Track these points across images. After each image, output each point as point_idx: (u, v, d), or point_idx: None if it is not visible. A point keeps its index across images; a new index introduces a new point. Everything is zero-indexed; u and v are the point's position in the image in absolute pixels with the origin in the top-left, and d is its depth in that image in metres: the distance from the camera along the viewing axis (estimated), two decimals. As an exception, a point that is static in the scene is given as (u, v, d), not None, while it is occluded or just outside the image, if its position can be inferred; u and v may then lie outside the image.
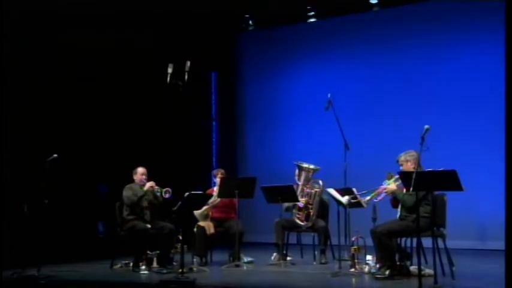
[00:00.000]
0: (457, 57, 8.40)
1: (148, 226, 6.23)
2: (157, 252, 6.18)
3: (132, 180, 6.47)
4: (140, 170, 6.44)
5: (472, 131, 8.19)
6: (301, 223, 6.56)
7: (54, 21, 7.11)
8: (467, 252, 7.38)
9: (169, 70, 5.57)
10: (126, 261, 6.30)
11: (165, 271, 5.84)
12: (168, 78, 5.53)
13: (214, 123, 10.08)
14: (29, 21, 6.98)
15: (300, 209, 6.58)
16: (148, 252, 6.17)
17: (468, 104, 8.26)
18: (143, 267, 6.03)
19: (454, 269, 5.21)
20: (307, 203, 6.55)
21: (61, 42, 7.31)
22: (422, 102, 8.49)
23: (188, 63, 5.64)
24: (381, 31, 8.91)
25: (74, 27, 7.30)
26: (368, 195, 5.40)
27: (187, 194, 5.72)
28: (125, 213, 6.33)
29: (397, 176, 5.24)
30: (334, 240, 6.59)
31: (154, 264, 6.14)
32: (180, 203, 5.63)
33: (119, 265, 6.30)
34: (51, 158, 5.88)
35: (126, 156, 7.74)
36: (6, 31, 6.59)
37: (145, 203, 6.33)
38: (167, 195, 6.15)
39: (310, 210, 6.53)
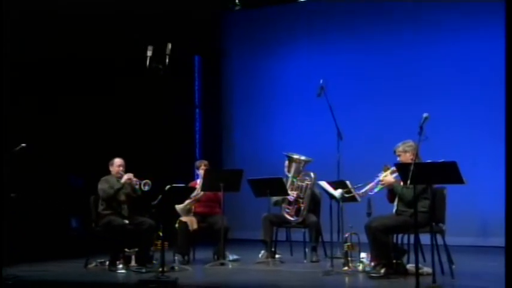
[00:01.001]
0: (456, 42, 8.43)
1: (126, 222, 6.21)
2: (136, 249, 6.17)
3: (108, 172, 6.43)
4: (117, 161, 6.40)
5: (474, 120, 8.24)
6: (291, 218, 6.57)
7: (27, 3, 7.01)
8: (467, 249, 7.45)
9: (149, 53, 5.52)
10: (102, 260, 6.26)
11: (144, 270, 5.83)
12: (148, 62, 5.48)
13: (197, 110, 10.06)
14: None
15: (289, 203, 6.59)
16: (126, 249, 6.16)
17: (469, 90, 8.30)
18: (120, 266, 6.02)
19: (453, 267, 5.25)
20: (297, 197, 6.56)
21: (31, 24, 7.21)
22: (421, 89, 8.52)
23: (169, 45, 5.60)
24: (378, 13, 8.91)
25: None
26: (363, 188, 5.40)
27: (168, 187, 5.68)
28: (101, 207, 6.29)
29: (393, 168, 5.25)
30: (326, 237, 6.62)
31: (133, 263, 6.14)
32: (160, 196, 5.60)
33: (93, 264, 6.26)
34: (19, 147, 5.80)
35: (102, 146, 7.68)
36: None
37: (122, 197, 6.30)
38: (146, 188, 6.13)
39: (301, 205, 6.54)
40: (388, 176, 5.37)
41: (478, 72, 8.22)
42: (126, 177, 6.24)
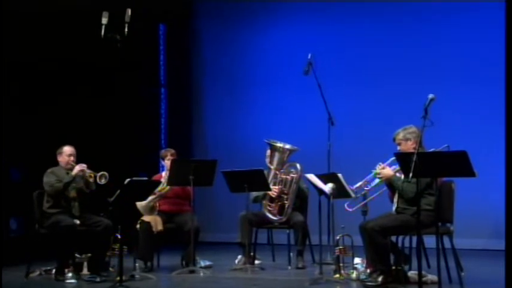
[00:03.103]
0: (469, 11, 8.43)
1: (77, 222, 6.18)
2: (89, 255, 6.15)
3: (56, 163, 6.38)
4: (67, 149, 6.37)
5: (488, 104, 8.28)
6: (273, 217, 6.59)
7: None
8: (479, 253, 7.53)
9: (104, 21, 5.48)
10: (48, 268, 6.24)
11: (98, 279, 5.82)
12: (103, 32, 5.43)
13: (162, 90, 10.00)
14: None
15: (271, 199, 6.60)
16: (76, 255, 6.13)
17: (484, 69, 8.32)
18: (70, 274, 5.97)
19: (463, 274, 5.30)
20: (281, 192, 6.57)
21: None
22: (427, 67, 8.55)
23: (129, 11, 5.55)
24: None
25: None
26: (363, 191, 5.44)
27: (127, 180, 5.68)
28: (46, 205, 6.25)
29: (392, 159, 5.27)
30: (314, 239, 6.65)
31: (85, 271, 6.11)
32: (118, 192, 5.58)
33: (37, 272, 6.24)
34: None
35: (47, 132, 7.59)
36: None
37: (73, 193, 6.27)
38: (103, 181, 6.11)
39: (285, 202, 6.56)
40: (386, 168, 5.39)
41: (495, 48, 8.22)
42: (77, 168, 6.21)
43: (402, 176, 5.22)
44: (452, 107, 8.06)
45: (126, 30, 5.53)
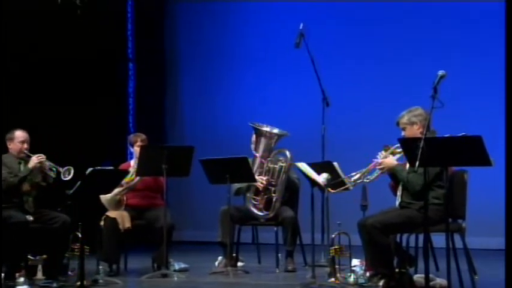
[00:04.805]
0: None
1: (30, 218, 6.15)
2: (44, 256, 6.13)
3: (5, 150, 6.32)
4: (19, 134, 6.33)
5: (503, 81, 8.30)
6: (259, 213, 6.60)
7: None
8: (494, 254, 7.56)
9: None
10: (-4, 271, 6.21)
11: (55, 285, 5.81)
12: (60, -4, 5.38)
13: (131, 65, 9.95)
14: None
15: (257, 192, 6.60)
16: (29, 256, 6.11)
17: (497, 44, 8.33)
18: (22, 279, 5.94)
19: (476, 278, 5.32)
20: (268, 184, 6.56)
21: None
22: (435, 40, 8.56)
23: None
24: None
25: None
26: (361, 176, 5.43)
27: (90, 170, 5.65)
28: (-6, 199, 6.21)
29: (396, 146, 5.26)
30: (306, 238, 6.63)
31: (39, 275, 6.09)
32: (79, 183, 5.58)
33: (-15, 276, 6.20)
34: None
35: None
36: None
37: (26, 186, 6.25)
38: (67, 177, 6.07)
39: (273, 194, 6.57)
40: (388, 157, 5.38)
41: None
42: (35, 160, 6.19)
43: (407, 166, 5.22)
44: (465, 86, 8.07)
45: (87, -6, 5.48)
